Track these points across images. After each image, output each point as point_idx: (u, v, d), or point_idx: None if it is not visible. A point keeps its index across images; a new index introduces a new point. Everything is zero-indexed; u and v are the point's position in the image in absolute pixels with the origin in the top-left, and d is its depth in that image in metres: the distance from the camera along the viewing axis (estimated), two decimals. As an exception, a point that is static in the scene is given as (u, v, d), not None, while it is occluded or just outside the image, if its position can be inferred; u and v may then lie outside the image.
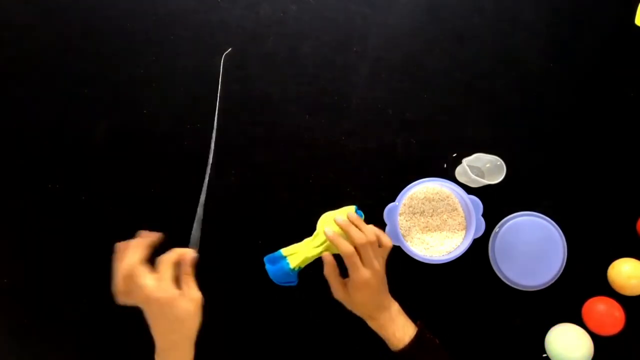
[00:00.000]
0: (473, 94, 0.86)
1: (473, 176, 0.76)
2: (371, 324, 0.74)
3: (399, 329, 0.72)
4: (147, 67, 0.85)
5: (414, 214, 0.82)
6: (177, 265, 0.65)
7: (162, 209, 0.84)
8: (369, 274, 0.70)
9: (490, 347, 0.83)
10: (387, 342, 0.73)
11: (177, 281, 0.64)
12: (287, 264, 0.74)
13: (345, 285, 0.73)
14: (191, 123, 0.85)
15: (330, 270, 0.72)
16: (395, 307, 0.74)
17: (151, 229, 0.83)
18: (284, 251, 0.75)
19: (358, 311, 0.73)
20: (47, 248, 0.84)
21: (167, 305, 0.61)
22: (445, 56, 0.86)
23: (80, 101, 0.85)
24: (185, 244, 0.84)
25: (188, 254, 0.66)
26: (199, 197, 0.83)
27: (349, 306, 0.73)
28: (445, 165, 0.85)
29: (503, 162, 0.78)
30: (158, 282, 0.61)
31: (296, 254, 0.75)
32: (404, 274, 0.81)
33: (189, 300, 0.62)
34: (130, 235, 0.84)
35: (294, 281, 0.76)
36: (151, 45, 0.85)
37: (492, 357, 0.83)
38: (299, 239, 0.78)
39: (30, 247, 0.84)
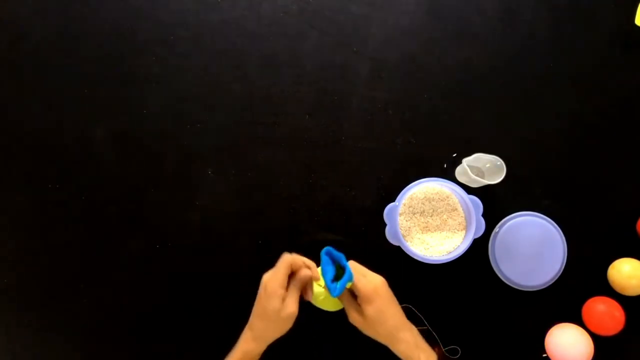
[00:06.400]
0: (473, 94, 0.86)
1: (473, 176, 0.76)
2: (396, 346, 0.69)
3: (424, 352, 0.69)
4: (147, 67, 0.85)
5: (414, 214, 0.82)
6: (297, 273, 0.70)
7: (162, 209, 0.84)
8: (377, 279, 0.70)
9: (490, 347, 0.83)
10: None
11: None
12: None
13: (359, 308, 0.70)
14: (191, 123, 0.85)
15: (343, 294, 0.70)
16: (415, 330, 0.72)
17: (150, 229, 0.84)
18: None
19: (379, 329, 0.69)
20: (47, 248, 0.84)
21: (269, 316, 0.69)
22: (445, 56, 0.86)
23: (80, 101, 0.85)
24: (183, 243, 0.84)
25: (304, 272, 0.70)
26: (198, 197, 0.83)
27: (367, 329, 0.70)
28: (445, 165, 0.85)
29: (503, 162, 0.78)
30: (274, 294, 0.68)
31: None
32: (404, 274, 0.81)
33: (284, 317, 0.68)
34: (128, 235, 0.84)
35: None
36: (151, 45, 0.85)
37: (492, 357, 0.83)
38: (299, 239, 0.78)
39: (30, 247, 0.84)
